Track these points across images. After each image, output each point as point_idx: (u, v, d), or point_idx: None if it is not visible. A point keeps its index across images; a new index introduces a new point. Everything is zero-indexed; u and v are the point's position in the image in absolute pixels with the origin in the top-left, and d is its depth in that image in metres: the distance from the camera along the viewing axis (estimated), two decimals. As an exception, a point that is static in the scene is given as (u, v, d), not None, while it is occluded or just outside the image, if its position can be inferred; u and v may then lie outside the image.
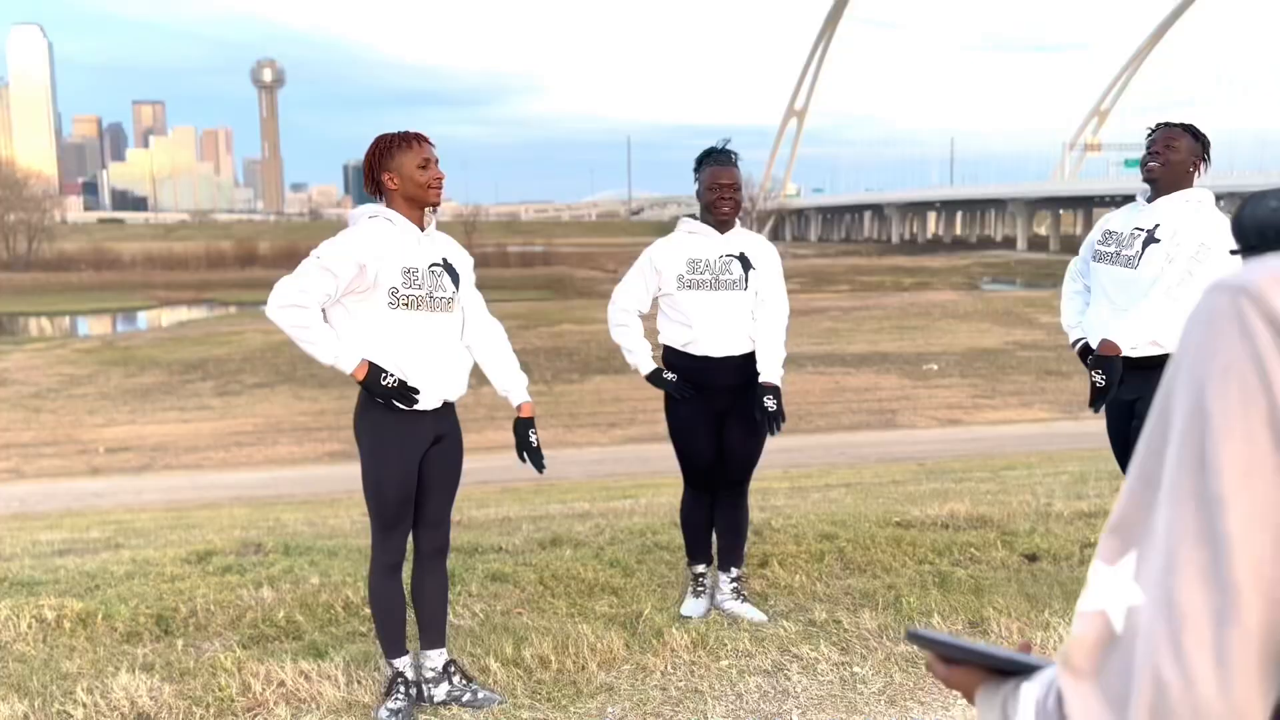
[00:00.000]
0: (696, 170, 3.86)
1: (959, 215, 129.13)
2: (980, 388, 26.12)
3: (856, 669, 3.45)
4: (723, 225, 3.84)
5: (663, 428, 4.11)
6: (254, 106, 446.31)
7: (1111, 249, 3.73)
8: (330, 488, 16.34)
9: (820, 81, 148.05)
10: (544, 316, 42.07)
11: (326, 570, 4.52)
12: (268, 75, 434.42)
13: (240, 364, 31.38)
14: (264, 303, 2.97)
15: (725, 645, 3.59)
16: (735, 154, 3.85)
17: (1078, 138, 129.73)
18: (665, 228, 5.08)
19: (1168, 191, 3.66)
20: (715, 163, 3.79)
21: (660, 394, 4.00)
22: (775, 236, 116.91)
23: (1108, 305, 3.71)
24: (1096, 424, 4.17)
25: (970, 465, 13.70)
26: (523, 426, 3.32)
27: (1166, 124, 3.71)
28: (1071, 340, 3.97)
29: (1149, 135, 3.73)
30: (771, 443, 4.02)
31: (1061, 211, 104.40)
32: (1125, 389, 3.65)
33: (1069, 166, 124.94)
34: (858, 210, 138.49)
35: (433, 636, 3.29)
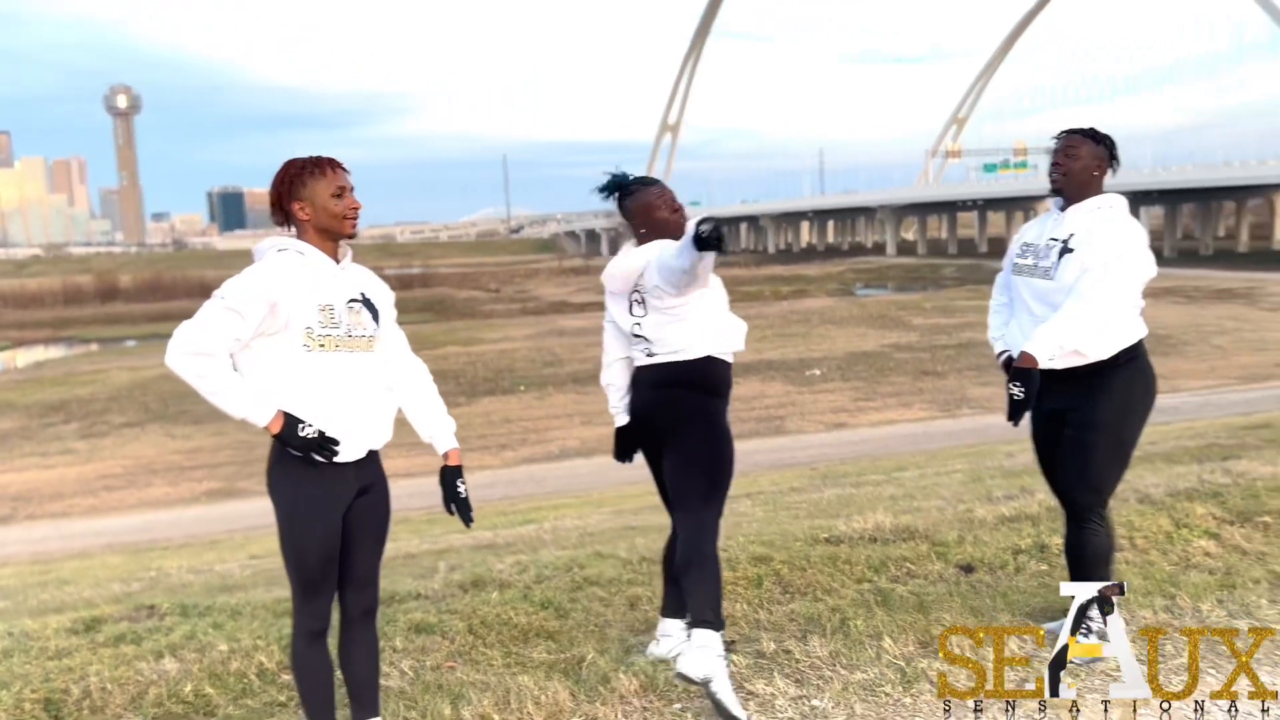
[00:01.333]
0: (628, 198, 3.61)
1: (831, 224, 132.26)
2: (862, 390, 26.65)
3: (815, 702, 3.31)
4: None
5: (556, 446, 3.86)
6: (109, 134, 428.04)
7: (1029, 261, 3.69)
8: (210, 528, 15.58)
9: (692, 96, 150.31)
10: (426, 339, 41.26)
11: (234, 633, 4.16)
12: (122, 101, 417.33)
13: (106, 403, 29.86)
14: (128, 339, 2.69)
15: (676, 687, 3.40)
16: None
17: (939, 145, 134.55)
18: (547, 245, 4.82)
19: (1077, 199, 3.62)
20: (649, 183, 3.60)
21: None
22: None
23: (1029, 317, 3.68)
24: (972, 420, 4.16)
25: (861, 468, 13.87)
26: (451, 476, 3.05)
27: (1067, 131, 3.67)
28: (996, 353, 3.94)
29: (1053, 145, 3.69)
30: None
31: (928, 217, 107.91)
32: (1056, 399, 3.61)
33: (932, 173, 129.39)
34: (734, 222, 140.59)
35: (365, 706, 3.01)
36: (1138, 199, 77.53)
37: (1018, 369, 3.48)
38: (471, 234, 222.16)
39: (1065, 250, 3.55)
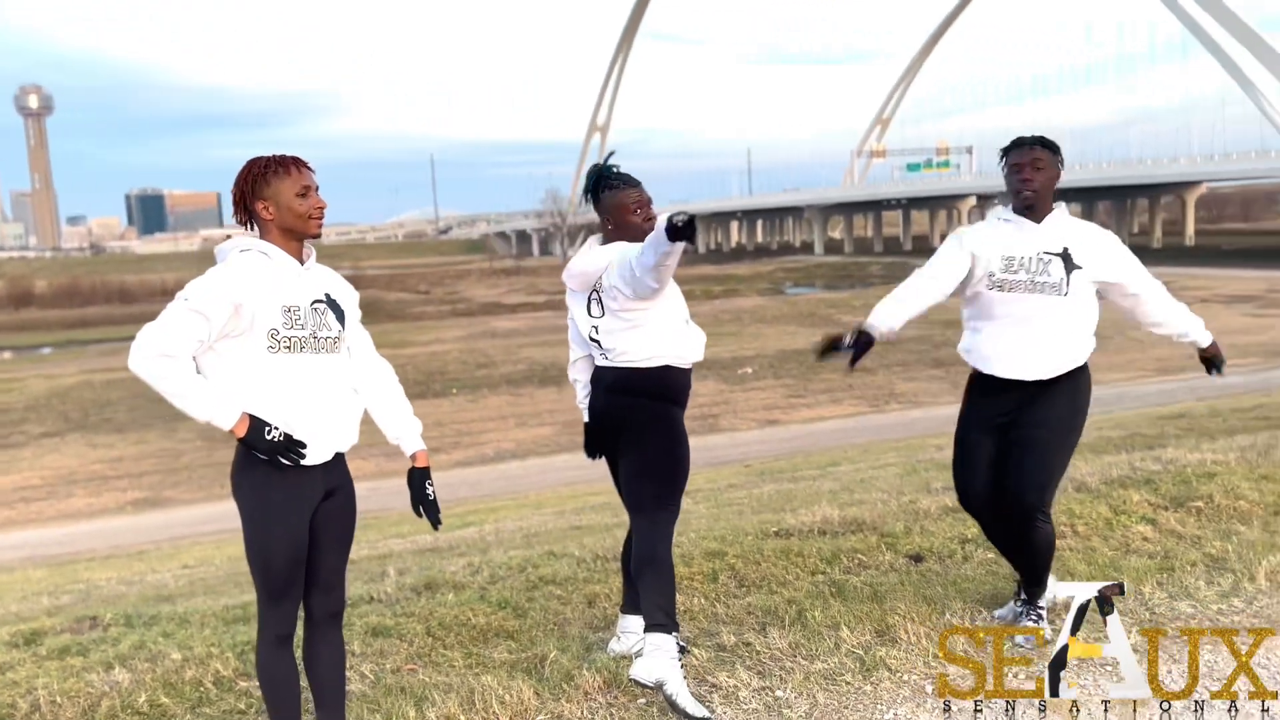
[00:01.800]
0: (606, 190, 3.56)
1: (760, 223, 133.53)
2: (793, 387, 27.01)
3: (779, 693, 3.36)
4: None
5: (491, 449, 3.81)
6: (20, 136, 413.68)
7: (1023, 277, 3.61)
8: (135, 539, 15.20)
9: (620, 97, 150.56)
10: (356, 343, 40.58)
11: (185, 642, 4.07)
12: (33, 102, 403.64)
13: (23, 413, 28.97)
14: (44, 346, 2.62)
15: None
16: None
17: (864, 145, 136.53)
18: (477, 246, 4.71)
19: (1044, 210, 3.64)
20: (631, 183, 3.56)
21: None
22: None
23: (1027, 332, 3.61)
24: (900, 414, 4.23)
25: (796, 464, 14.04)
26: (419, 478, 3.04)
27: (1022, 144, 3.63)
28: (865, 324, 3.64)
29: (1006, 157, 3.65)
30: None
31: (854, 216, 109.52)
32: (1001, 406, 3.65)
33: (858, 172, 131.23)
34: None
35: (332, 711, 2.97)
36: (1056, 197, 79.64)
37: (1213, 350, 3.92)
38: (399, 235, 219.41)
39: (1071, 266, 3.58)
